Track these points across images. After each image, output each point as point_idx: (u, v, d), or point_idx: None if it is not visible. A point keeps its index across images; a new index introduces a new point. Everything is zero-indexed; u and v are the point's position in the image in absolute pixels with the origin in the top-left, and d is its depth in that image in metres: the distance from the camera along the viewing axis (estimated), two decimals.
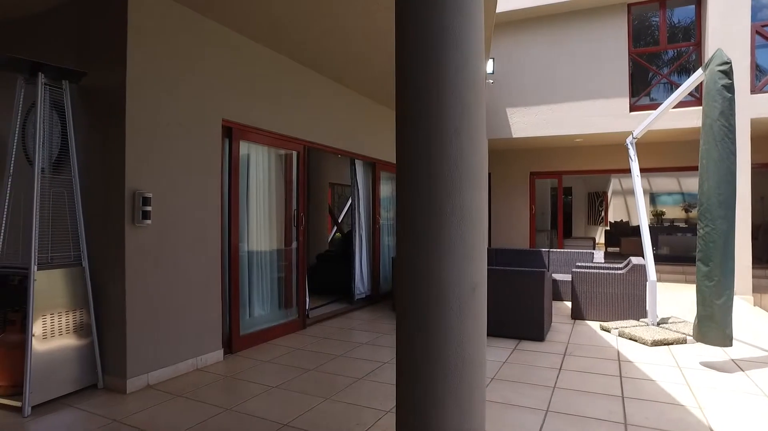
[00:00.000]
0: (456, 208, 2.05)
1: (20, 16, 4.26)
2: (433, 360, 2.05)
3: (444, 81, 2.04)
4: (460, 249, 2.07)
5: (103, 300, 3.71)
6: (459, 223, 2.06)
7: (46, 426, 3.07)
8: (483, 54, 2.20)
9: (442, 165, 2.05)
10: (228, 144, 4.57)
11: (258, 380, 3.91)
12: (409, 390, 2.12)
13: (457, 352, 2.06)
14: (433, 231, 2.05)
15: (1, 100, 4.49)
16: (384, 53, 5.16)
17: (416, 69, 2.08)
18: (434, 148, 2.05)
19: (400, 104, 2.15)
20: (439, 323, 2.06)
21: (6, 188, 3.55)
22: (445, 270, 2.05)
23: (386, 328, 5.78)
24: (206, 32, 4.25)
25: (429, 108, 2.05)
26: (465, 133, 2.07)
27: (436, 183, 2.04)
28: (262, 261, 5.17)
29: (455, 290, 2.06)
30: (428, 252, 2.06)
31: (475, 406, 2.12)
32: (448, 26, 2.03)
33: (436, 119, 2.04)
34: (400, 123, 2.15)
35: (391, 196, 8.14)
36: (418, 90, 2.07)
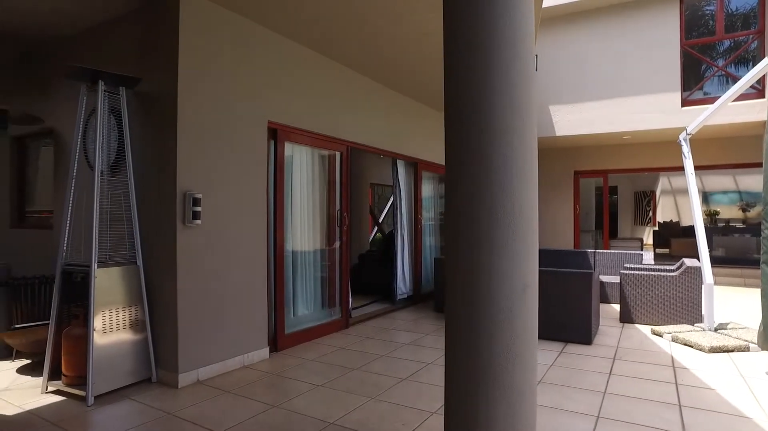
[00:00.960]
0: (507, 207, 2.02)
1: (86, 28, 4.49)
2: (483, 362, 2.02)
3: (494, 79, 2.00)
4: (511, 248, 2.03)
5: (156, 297, 3.85)
6: (510, 223, 2.02)
7: (108, 416, 3.22)
8: (533, 50, 2.15)
9: (492, 164, 2.01)
10: (273, 145, 4.66)
11: (303, 378, 3.97)
12: (458, 392, 2.10)
13: (507, 354, 2.02)
14: (483, 230, 2.02)
15: (65, 108, 4.75)
16: (427, 55, 5.14)
17: (465, 67, 2.05)
18: (484, 147, 2.02)
19: (449, 103, 2.13)
20: (489, 324, 2.03)
21: (70, 190, 3.74)
22: (496, 270, 2.02)
23: (428, 329, 5.76)
24: (252, 36, 4.35)
25: (479, 106, 2.02)
26: (516, 131, 2.03)
27: (486, 182, 2.01)
28: (306, 260, 5.24)
29: (506, 290, 2.02)
30: (479, 252, 2.03)
31: (526, 410, 2.08)
32: (497, 23, 2.00)
33: (486, 117, 2.01)
34: (449, 122, 2.13)
35: (433, 196, 8.10)
36: (468, 88, 2.04)
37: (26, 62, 5.30)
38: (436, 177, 8.25)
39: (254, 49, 4.36)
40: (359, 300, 7.21)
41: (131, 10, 4.06)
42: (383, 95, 6.37)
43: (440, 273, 6.75)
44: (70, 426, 3.05)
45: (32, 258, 5.09)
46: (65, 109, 4.77)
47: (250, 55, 4.32)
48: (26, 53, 5.21)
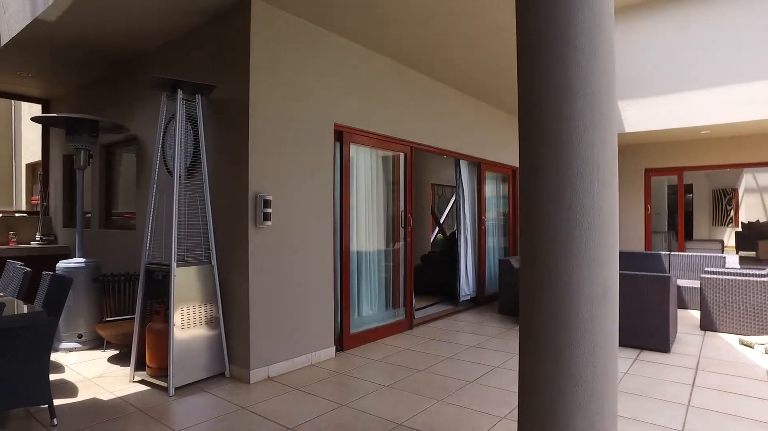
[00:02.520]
0: (586, 208, 1.93)
1: (165, 42, 4.77)
2: (560, 369, 1.95)
3: (573, 73, 1.93)
4: (591, 250, 1.94)
5: (229, 295, 4.01)
6: (590, 223, 1.94)
7: (188, 407, 3.39)
8: (613, 42, 2.05)
9: (571, 162, 1.93)
10: (339, 147, 4.74)
11: (370, 378, 4.00)
12: (534, 400, 2.03)
13: (586, 361, 1.94)
14: (561, 231, 1.95)
15: (146, 116, 5.06)
16: (494, 52, 5.05)
17: (542, 62, 1.98)
18: (562, 145, 1.94)
19: (524, 99, 2.07)
20: (567, 329, 1.95)
21: (152, 194, 3.98)
22: (575, 273, 1.94)
23: (493, 331, 5.64)
24: (318, 40, 4.44)
25: (557, 102, 1.95)
26: (596, 128, 1.95)
27: (565, 181, 1.94)
28: (371, 261, 5.29)
29: (585, 294, 1.94)
30: (556, 254, 1.96)
31: (605, 421, 1.98)
32: (576, 14, 1.92)
33: (564, 114, 1.94)
34: (524, 118, 2.07)
35: (496, 196, 7.94)
36: (545, 84, 1.97)
37: (114, 76, 5.69)
38: (499, 177, 8.08)
39: (320, 52, 4.45)
40: (422, 301, 7.19)
41: (206, 22, 4.26)
42: (446, 95, 6.31)
43: (504, 275, 6.60)
44: (155, 414, 3.25)
45: (117, 256, 5.46)
46: (146, 118, 5.08)
47: (316, 59, 4.42)
48: (114, 68, 5.60)
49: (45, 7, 4.05)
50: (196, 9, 4.02)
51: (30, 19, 4.32)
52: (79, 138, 4.96)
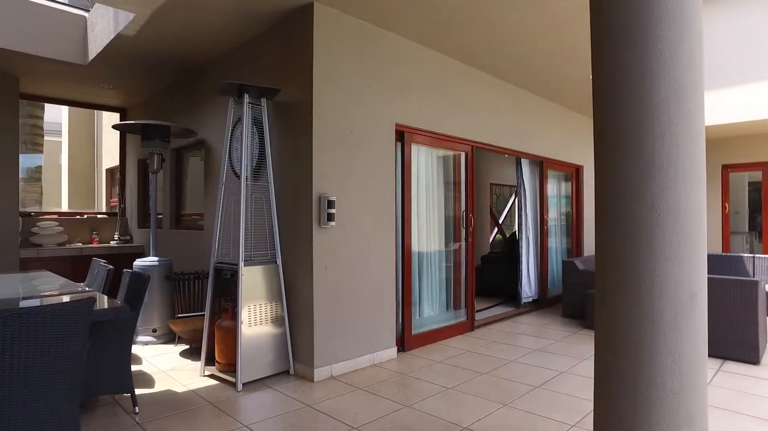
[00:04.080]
0: (670, 206, 1.81)
1: (231, 49, 4.95)
2: (642, 377, 1.83)
3: (655, 63, 1.81)
4: (675, 251, 1.82)
5: (293, 295, 4.10)
6: (674, 223, 1.81)
7: (256, 402, 3.49)
8: (701, 30, 1.90)
9: (653, 158, 1.82)
10: (400, 147, 4.73)
11: (432, 380, 3.96)
12: (613, 413, 1.92)
13: (672, 372, 1.81)
14: (643, 232, 1.83)
15: (212, 120, 5.28)
16: (558, 47, 4.87)
17: (621, 51, 1.87)
18: (643, 140, 1.83)
19: (600, 91, 1.96)
20: (649, 336, 1.83)
21: (220, 195, 4.14)
22: (658, 276, 1.82)
23: (557, 335, 5.45)
24: (378, 41, 4.45)
25: (637, 94, 1.83)
26: (680, 121, 1.82)
27: (646, 179, 1.82)
28: (432, 262, 5.25)
29: (669, 298, 1.82)
30: (636, 254, 1.84)
31: None
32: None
33: (645, 107, 1.82)
34: (600, 112, 1.97)
35: (558, 196, 7.67)
36: (624, 74, 1.86)
37: (184, 84, 5.98)
38: (561, 175, 7.80)
39: (380, 52, 4.46)
40: (482, 303, 7.06)
41: (269, 27, 4.38)
42: (507, 92, 6.16)
43: (569, 277, 6.36)
44: (225, 408, 3.37)
45: (186, 255, 5.72)
46: (212, 122, 5.29)
47: (377, 59, 4.43)
48: (184, 77, 5.89)
49: (126, 22, 4.30)
50: (262, 16, 4.14)
51: (113, 35, 4.61)
52: (153, 143, 5.24)
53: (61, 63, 5.35)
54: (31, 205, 9.39)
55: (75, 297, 3.30)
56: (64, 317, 2.20)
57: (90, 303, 2.34)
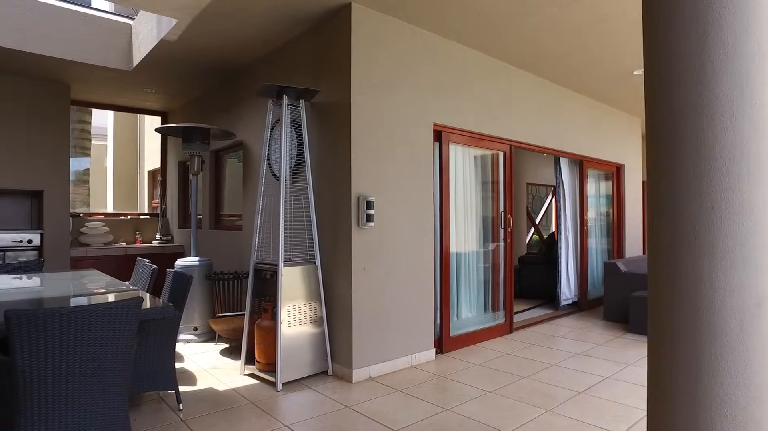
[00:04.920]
0: (734, 207, 1.71)
1: (269, 52, 5.03)
2: (703, 392, 1.74)
3: (717, 54, 1.71)
4: (739, 255, 1.72)
5: (332, 295, 4.11)
6: (738, 225, 1.71)
7: (295, 402, 3.52)
8: None
9: (714, 156, 1.72)
10: (438, 147, 4.69)
11: (472, 383, 3.90)
12: (669, 424, 1.83)
13: (736, 382, 1.71)
14: (702, 234, 1.74)
15: (250, 122, 5.36)
16: (599, 42, 4.73)
17: (678, 42, 1.78)
18: (703, 136, 1.74)
19: (653, 85, 1.87)
20: (711, 346, 1.73)
21: (260, 196, 4.19)
22: (719, 281, 1.72)
23: (599, 339, 5.29)
24: (415, 39, 4.42)
25: (695, 87, 1.74)
26: (745, 116, 1.71)
27: (706, 178, 1.73)
28: (470, 263, 5.18)
29: (734, 306, 1.72)
30: (696, 260, 1.75)
31: None
32: None
33: (705, 101, 1.73)
34: (653, 107, 1.88)
35: (597, 196, 7.45)
36: (682, 68, 1.77)
37: (222, 87, 6.10)
38: (601, 174, 7.58)
39: (417, 52, 4.43)
40: (520, 305, 6.94)
41: (307, 29, 4.42)
42: (546, 90, 6.03)
43: (610, 279, 6.17)
44: (265, 407, 3.40)
45: (225, 256, 5.83)
46: (251, 124, 5.38)
47: (414, 59, 4.40)
48: (223, 80, 6.01)
49: (169, 28, 4.41)
50: (300, 17, 4.17)
51: (156, 41, 4.74)
52: (194, 145, 5.36)
53: (108, 70, 5.54)
54: (80, 206, 9.78)
55: (120, 295, 3.40)
56: (115, 315, 2.26)
57: (139, 302, 2.40)
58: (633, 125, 8.01)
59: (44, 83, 6.04)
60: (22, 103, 5.90)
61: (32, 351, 2.06)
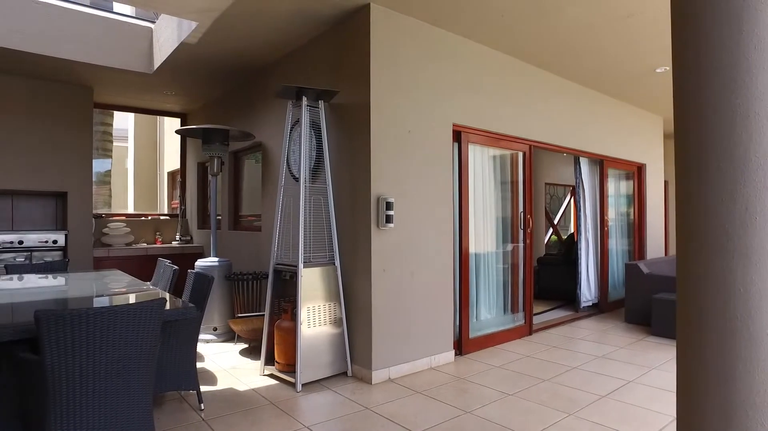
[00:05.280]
0: None
1: (286, 53, 5.05)
2: (737, 399, 1.69)
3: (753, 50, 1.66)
4: None
5: (351, 296, 4.11)
6: None
7: (315, 403, 3.52)
8: None
9: (749, 157, 1.66)
10: (457, 147, 4.66)
11: (492, 385, 3.87)
12: None
13: None
14: (735, 237, 1.69)
15: (269, 123, 5.39)
16: (623, 40, 4.65)
17: (710, 38, 1.73)
18: (737, 137, 1.69)
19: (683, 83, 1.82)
20: (746, 351, 1.68)
21: (279, 197, 4.21)
22: (754, 285, 1.67)
23: (620, 341, 5.20)
24: (434, 40, 4.40)
25: (729, 86, 1.69)
26: None
27: (740, 179, 1.68)
28: (489, 264, 5.14)
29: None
30: (728, 264, 1.70)
31: None
32: None
33: (738, 100, 1.68)
34: (682, 106, 1.83)
35: (617, 196, 7.34)
36: (713, 65, 1.72)
37: (241, 89, 6.15)
38: (622, 174, 7.47)
39: (436, 52, 4.41)
40: (538, 306, 6.86)
41: (325, 30, 4.42)
42: (566, 89, 5.96)
43: (632, 280, 6.07)
44: (285, 408, 3.41)
45: (244, 256, 5.87)
46: (269, 125, 5.41)
47: (433, 59, 4.38)
48: (241, 81, 6.05)
49: (189, 31, 4.46)
50: (318, 18, 4.18)
51: (177, 44, 4.80)
52: (213, 146, 5.41)
53: (130, 73, 5.62)
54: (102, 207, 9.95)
55: (141, 295, 3.45)
56: (139, 316, 2.29)
57: (162, 303, 2.42)
58: (655, 124, 7.87)
59: (69, 87, 6.16)
60: (48, 106, 6.03)
61: (60, 350, 2.09)
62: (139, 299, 3.33)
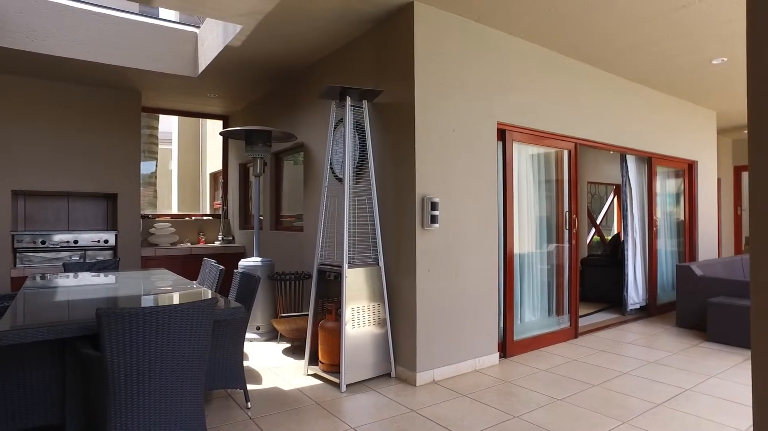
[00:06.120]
0: None
1: (328, 54, 5.08)
2: None
3: None
4: None
5: (395, 297, 4.08)
6: None
7: (360, 404, 3.51)
8: None
9: None
10: (501, 146, 4.57)
11: (539, 389, 3.77)
12: None
13: None
14: None
15: (310, 124, 5.43)
16: (677, 31, 4.46)
17: None
18: None
19: (759, 75, 1.71)
20: None
21: (323, 198, 4.22)
22: None
23: (673, 347, 4.99)
24: (478, 37, 4.32)
25: None
26: None
27: None
28: (533, 265, 5.02)
29: None
30: None
31: None
32: None
33: None
34: (758, 97, 1.72)
35: (665, 194, 7.05)
36: None
37: (282, 90, 6.22)
38: (671, 172, 7.17)
39: (480, 49, 4.33)
40: (583, 309, 6.67)
41: (368, 29, 4.41)
42: (613, 84, 5.76)
43: (684, 283, 5.81)
44: (331, 408, 3.42)
45: (285, 256, 5.93)
46: (311, 125, 5.44)
47: (477, 56, 4.31)
48: (282, 82, 6.12)
49: (234, 34, 4.53)
50: (361, 18, 4.17)
51: (221, 47, 4.89)
52: (257, 148, 5.48)
53: (176, 77, 5.77)
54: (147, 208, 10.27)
55: (185, 294, 3.52)
56: (192, 315, 2.33)
57: (214, 302, 2.46)
58: (707, 119, 7.52)
59: (118, 92, 6.38)
60: (100, 111, 6.26)
61: (119, 347, 2.15)
62: (187, 298, 3.40)
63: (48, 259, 5.96)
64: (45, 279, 4.32)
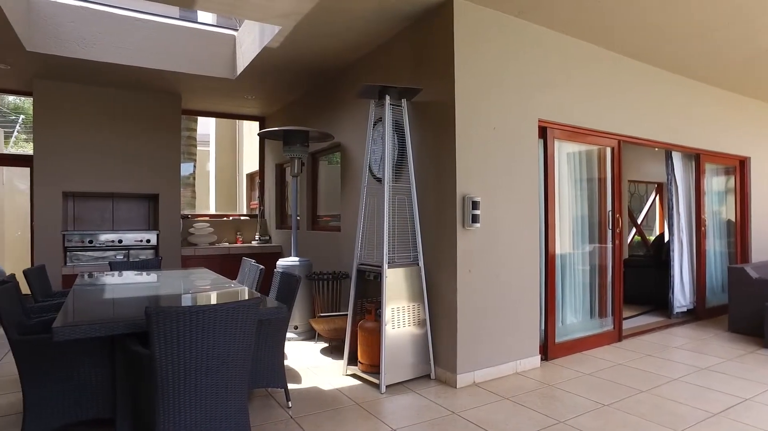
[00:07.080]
0: None
1: (365, 53, 5.07)
2: None
3: None
4: None
5: (435, 298, 4.03)
6: None
7: (400, 406, 3.47)
8: None
9: None
10: (542, 144, 4.46)
11: (584, 394, 3.65)
12: None
13: None
14: None
15: (348, 123, 5.42)
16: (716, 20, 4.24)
17: None
18: None
19: None
20: None
21: (363, 197, 4.21)
22: None
23: (726, 353, 4.76)
24: (518, 33, 4.23)
25: None
26: None
27: None
28: (576, 265, 4.88)
29: None
30: None
31: None
32: None
33: None
34: None
35: (712, 192, 6.73)
36: None
37: (318, 90, 6.25)
38: (720, 169, 6.86)
39: (520, 45, 4.23)
40: (626, 311, 6.43)
41: (405, 27, 4.38)
42: (658, 79, 5.54)
43: (737, 286, 5.54)
44: (371, 409, 3.39)
45: (322, 256, 5.95)
46: (348, 125, 5.44)
47: (517, 53, 4.21)
48: (319, 83, 6.15)
49: (272, 36, 4.57)
50: (399, 16, 4.14)
51: (259, 49, 4.94)
52: (294, 148, 5.52)
53: (214, 79, 5.88)
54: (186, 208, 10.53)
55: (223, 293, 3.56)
56: (238, 314, 2.34)
57: (258, 302, 2.47)
58: (761, 112, 7.14)
59: (160, 95, 6.54)
60: (141, 115, 6.44)
61: (167, 345, 2.17)
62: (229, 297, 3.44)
63: (95, 258, 6.17)
64: (92, 277, 4.46)
